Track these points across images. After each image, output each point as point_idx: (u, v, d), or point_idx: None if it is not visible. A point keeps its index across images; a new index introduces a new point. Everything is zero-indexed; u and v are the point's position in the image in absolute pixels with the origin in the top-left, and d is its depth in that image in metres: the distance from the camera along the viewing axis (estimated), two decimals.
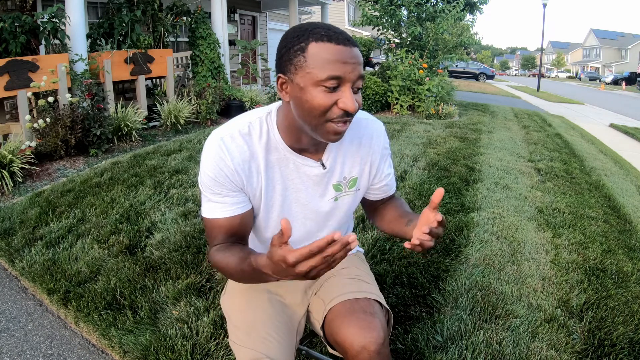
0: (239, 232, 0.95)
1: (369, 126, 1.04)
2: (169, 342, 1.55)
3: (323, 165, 0.98)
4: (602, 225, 2.91)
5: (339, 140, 0.87)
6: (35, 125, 3.67)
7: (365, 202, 1.16)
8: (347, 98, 0.81)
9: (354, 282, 1.08)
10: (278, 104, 0.97)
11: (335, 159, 1.00)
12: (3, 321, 1.76)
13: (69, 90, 4.21)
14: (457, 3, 7.89)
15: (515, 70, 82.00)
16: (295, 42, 0.82)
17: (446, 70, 8.69)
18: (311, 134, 0.88)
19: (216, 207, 0.93)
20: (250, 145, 0.92)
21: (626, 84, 32.83)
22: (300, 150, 0.95)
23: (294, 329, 1.05)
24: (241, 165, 0.91)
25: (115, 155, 4.09)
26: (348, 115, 0.84)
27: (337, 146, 0.99)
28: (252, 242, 1.12)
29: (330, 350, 1.07)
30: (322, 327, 1.04)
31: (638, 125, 9.76)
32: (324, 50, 0.79)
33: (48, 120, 3.70)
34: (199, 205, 1.03)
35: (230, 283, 1.15)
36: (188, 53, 6.44)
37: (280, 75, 0.86)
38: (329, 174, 0.99)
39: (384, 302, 1.06)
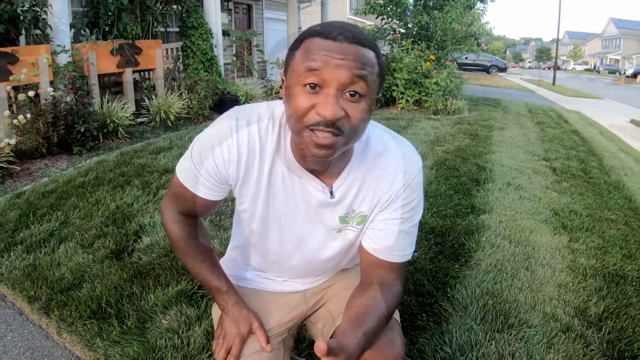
0: (198, 210, 0.99)
1: (397, 158, 0.91)
2: (159, 354, 1.55)
3: (332, 193, 0.91)
4: (622, 229, 2.91)
5: (326, 157, 0.78)
6: (15, 121, 3.67)
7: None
8: (325, 101, 0.73)
9: None
10: None
11: (349, 188, 0.92)
12: None
13: (51, 83, 4.21)
14: None
15: (529, 62, 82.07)
16: (295, 41, 0.80)
17: (455, 63, 8.71)
18: (301, 147, 0.82)
19: (191, 176, 0.93)
20: (263, 141, 0.89)
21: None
22: (310, 170, 0.90)
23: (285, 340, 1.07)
24: (245, 157, 0.89)
25: (100, 154, 4.09)
26: (327, 125, 0.74)
27: (353, 173, 0.91)
28: (241, 244, 1.12)
29: None
30: None
31: None
32: (311, 45, 0.75)
33: (29, 116, 3.70)
34: None
35: None
36: (179, 44, 6.45)
37: (282, 77, 0.83)
38: (336, 203, 0.93)
39: (398, 317, 1.03)
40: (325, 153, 0.77)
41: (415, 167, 0.93)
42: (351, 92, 0.75)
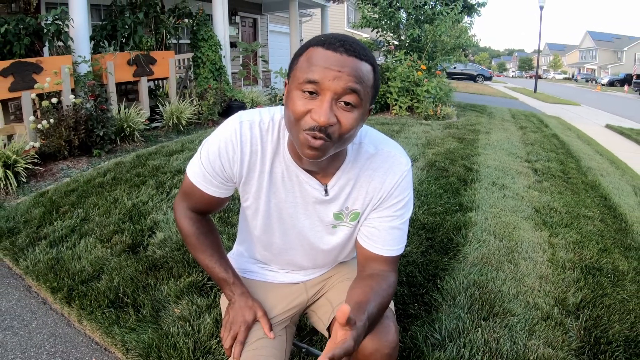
0: (207, 206, 1.01)
1: (388, 160, 0.92)
2: (171, 340, 1.55)
3: (326, 191, 0.92)
4: (598, 225, 2.91)
5: (317, 158, 0.78)
6: (39, 126, 3.67)
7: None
8: (319, 108, 0.74)
9: None
10: None
11: (342, 187, 0.92)
12: (7, 319, 1.76)
13: (73, 91, 4.21)
14: (455, 5, 7.90)
15: (513, 71, 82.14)
16: (300, 49, 0.81)
17: (444, 72, 8.70)
18: (296, 147, 0.82)
19: (200, 175, 0.93)
20: (264, 142, 0.90)
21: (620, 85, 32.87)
22: (307, 170, 0.91)
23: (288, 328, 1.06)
24: (248, 156, 0.90)
25: (118, 156, 4.09)
26: (321, 130, 0.74)
27: (347, 174, 0.92)
28: (247, 239, 1.12)
29: None
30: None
31: (633, 126, 9.75)
32: (314, 54, 0.75)
33: (52, 121, 3.70)
34: None
35: None
36: (190, 55, 6.44)
37: (285, 81, 0.84)
38: (330, 200, 0.94)
39: (392, 306, 1.03)
40: (315, 154, 0.77)
41: (405, 168, 0.93)
42: (345, 102, 0.75)
